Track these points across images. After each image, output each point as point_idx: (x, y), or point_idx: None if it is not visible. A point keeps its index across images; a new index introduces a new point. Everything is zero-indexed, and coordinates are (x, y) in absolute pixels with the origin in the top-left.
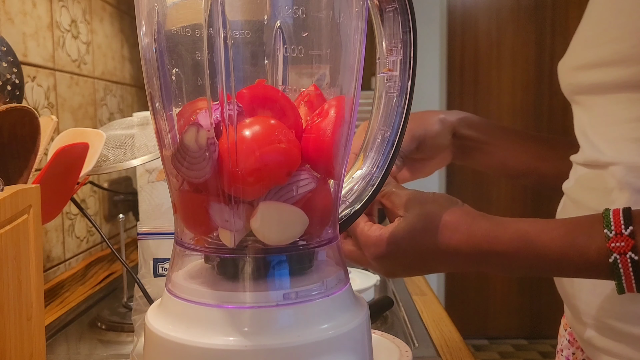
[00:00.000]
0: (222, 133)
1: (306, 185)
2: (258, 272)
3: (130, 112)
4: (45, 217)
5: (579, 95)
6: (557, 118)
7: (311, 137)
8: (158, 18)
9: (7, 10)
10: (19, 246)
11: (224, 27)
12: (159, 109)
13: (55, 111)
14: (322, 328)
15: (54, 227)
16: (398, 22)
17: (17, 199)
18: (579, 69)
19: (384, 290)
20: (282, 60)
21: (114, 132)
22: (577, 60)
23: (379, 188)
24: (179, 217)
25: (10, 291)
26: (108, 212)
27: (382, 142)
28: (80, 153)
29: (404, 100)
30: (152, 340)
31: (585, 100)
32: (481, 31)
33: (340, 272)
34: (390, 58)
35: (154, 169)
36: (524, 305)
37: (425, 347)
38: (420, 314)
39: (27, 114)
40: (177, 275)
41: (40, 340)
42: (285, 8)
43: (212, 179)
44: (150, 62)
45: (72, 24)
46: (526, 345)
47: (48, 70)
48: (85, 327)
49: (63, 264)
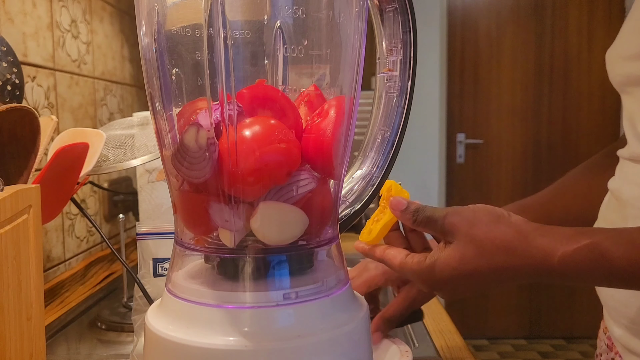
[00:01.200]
0: (222, 133)
1: (306, 185)
2: (258, 272)
3: (130, 112)
4: (45, 217)
5: (630, 86)
6: (557, 118)
7: (311, 137)
8: (158, 18)
9: (7, 10)
10: (19, 246)
11: (224, 27)
12: (159, 109)
13: (55, 111)
14: (322, 328)
15: (54, 227)
16: (398, 22)
17: (17, 199)
18: (631, 58)
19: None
20: (282, 60)
21: (114, 132)
22: (629, 49)
23: (379, 188)
24: (179, 217)
25: (10, 291)
26: (108, 212)
27: (382, 142)
28: (80, 153)
29: (404, 100)
30: (152, 340)
31: (637, 91)
32: (481, 31)
33: (340, 272)
34: (390, 58)
35: (154, 169)
36: (524, 305)
37: (425, 347)
38: None
39: (27, 114)
40: (177, 275)
41: (40, 340)
42: (285, 8)
43: (212, 179)
44: (150, 62)
45: (72, 24)
46: (526, 345)
47: (48, 70)
48: (85, 327)
49: (63, 264)
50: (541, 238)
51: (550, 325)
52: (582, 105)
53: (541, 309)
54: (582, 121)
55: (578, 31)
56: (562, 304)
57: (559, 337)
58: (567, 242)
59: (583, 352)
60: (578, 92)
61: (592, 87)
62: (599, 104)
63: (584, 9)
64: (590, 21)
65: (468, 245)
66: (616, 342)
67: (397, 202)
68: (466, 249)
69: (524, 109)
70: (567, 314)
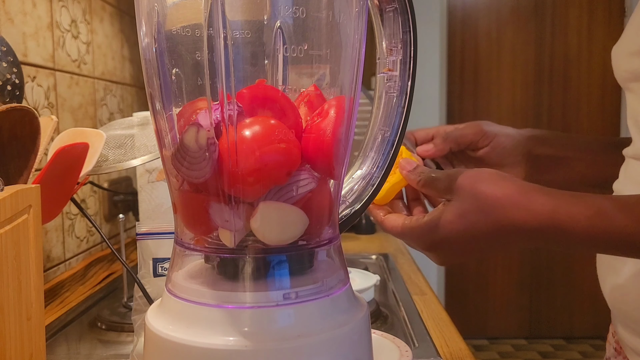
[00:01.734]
0: (222, 133)
1: (306, 185)
2: (258, 272)
3: (130, 112)
4: (45, 217)
5: (634, 82)
6: (556, 118)
7: (311, 137)
8: (158, 18)
9: (7, 10)
10: (19, 246)
11: (224, 27)
12: (159, 109)
13: (55, 111)
14: (322, 328)
15: (54, 227)
16: (398, 22)
17: (17, 199)
18: (636, 54)
19: (384, 290)
20: (282, 60)
21: (114, 132)
22: (634, 44)
23: (379, 188)
24: (179, 217)
25: (10, 291)
26: (108, 212)
27: (382, 142)
28: (80, 153)
29: (404, 100)
30: (152, 340)
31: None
32: (481, 31)
33: (340, 272)
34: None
35: (154, 169)
36: (524, 305)
37: (425, 347)
38: (420, 314)
39: (27, 114)
40: (177, 275)
41: (40, 340)
42: (285, 8)
43: (212, 179)
44: (150, 62)
45: (72, 24)
46: (526, 345)
47: (48, 70)
48: (85, 327)
49: (63, 264)
50: (545, 195)
51: (550, 325)
52: (581, 105)
53: (541, 309)
54: (582, 121)
55: (578, 31)
56: (562, 304)
57: (559, 337)
58: (572, 198)
59: (583, 352)
60: (578, 92)
61: (592, 87)
62: (599, 104)
63: (584, 9)
64: (590, 21)
65: (468, 199)
66: (624, 346)
67: (407, 162)
68: (466, 203)
69: (524, 108)
70: (567, 314)
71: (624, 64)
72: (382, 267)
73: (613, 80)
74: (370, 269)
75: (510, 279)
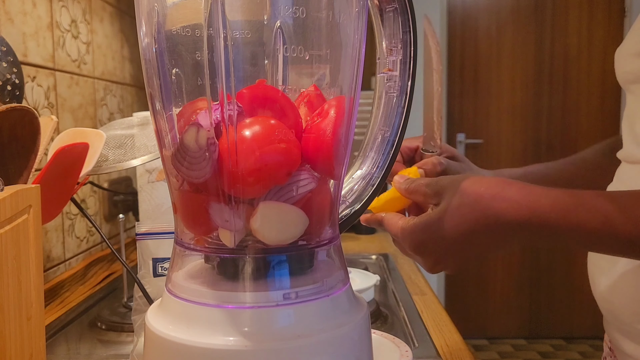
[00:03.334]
0: (222, 133)
1: (306, 185)
2: (258, 272)
3: (130, 112)
4: (45, 217)
5: (635, 84)
6: (556, 118)
7: (311, 137)
8: (158, 18)
9: (7, 10)
10: (19, 246)
11: (224, 27)
12: (159, 109)
13: (55, 111)
14: (322, 328)
15: (54, 227)
16: (398, 22)
17: (17, 199)
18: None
19: (384, 290)
20: (282, 60)
21: (114, 132)
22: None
23: (379, 188)
24: (179, 217)
25: (10, 291)
26: (108, 212)
27: (382, 142)
28: (80, 153)
29: (404, 100)
30: (152, 340)
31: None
32: (481, 31)
33: (340, 272)
34: (390, 58)
35: (154, 169)
36: (524, 305)
37: (425, 347)
38: (420, 314)
39: (27, 114)
40: (177, 275)
41: (40, 340)
42: (285, 8)
43: (212, 179)
44: (150, 62)
45: (72, 24)
46: (526, 345)
47: (48, 70)
48: (85, 327)
49: (63, 264)
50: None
51: (550, 325)
52: (581, 105)
53: (541, 309)
54: (582, 121)
55: (578, 31)
56: (562, 304)
57: (559, 337)
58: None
59: (583, 352)
60: (577, 92)
61: (592, 87)
62: (599, 104)
63: (584, 10)
64: (590, 21)
65: (454, 197)
66: (615, 348)
67: (399, 176)
68: (451, 200)
69: (523, 108)
70: (567, 314)
71: (626, 65)
72: (382, 267)
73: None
74: (370, 269)
75: (510, 279)
